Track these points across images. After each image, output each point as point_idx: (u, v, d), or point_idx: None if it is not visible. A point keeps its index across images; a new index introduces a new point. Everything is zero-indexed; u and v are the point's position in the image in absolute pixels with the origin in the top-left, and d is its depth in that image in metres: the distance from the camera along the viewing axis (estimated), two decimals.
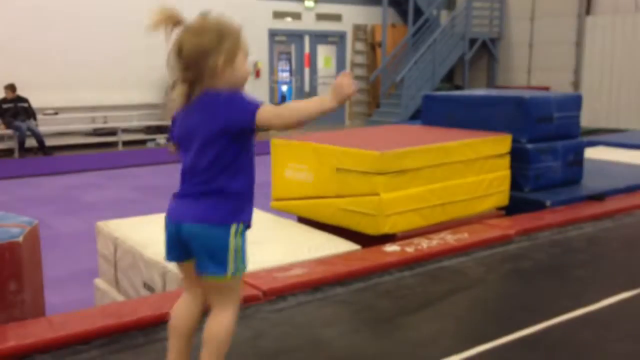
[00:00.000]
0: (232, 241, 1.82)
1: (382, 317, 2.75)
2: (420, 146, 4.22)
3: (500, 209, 4.74)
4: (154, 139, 11.67)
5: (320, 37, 15.33)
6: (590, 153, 6.12)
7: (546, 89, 14.05)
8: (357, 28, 15.78)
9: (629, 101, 13.12)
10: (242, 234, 1.86)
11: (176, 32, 1.79)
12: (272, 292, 2.84)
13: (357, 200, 4.03)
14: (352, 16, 15.56)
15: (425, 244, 3.60)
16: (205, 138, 1.76)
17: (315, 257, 3.34)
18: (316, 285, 3.01)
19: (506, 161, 4.70)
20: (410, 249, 3.51)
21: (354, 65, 15.93)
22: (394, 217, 3.99)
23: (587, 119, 13.22)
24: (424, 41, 14.82)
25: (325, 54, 15.82)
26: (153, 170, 8.94)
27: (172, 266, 3.06)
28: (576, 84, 14.22)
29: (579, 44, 14.14)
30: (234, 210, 1.83)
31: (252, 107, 1.74)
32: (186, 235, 1.84)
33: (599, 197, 4.56)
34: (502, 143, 4.66)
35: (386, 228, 3.97)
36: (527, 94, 4.96)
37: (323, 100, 1.75)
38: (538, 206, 4.53)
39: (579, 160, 5.02)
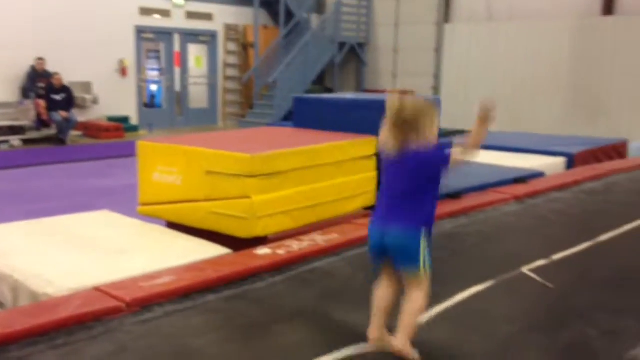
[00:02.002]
0: (423, 243, 2.46)
1: (253, 324, 2.73)
2: (290, 148, 4.25)
3: (367, 208, 4.90)
4: (7, 141, 10.77)
5: (190, 36, 14.98)
6: None
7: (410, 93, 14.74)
8: (229, 28, 15.62)
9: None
10: (428, 239, 2.48)
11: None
12: (137, 302, 2.71)
13: (228, 203, 3.98)
14: (224, 16, 15.38)
15: (296, 246, 3.62)
16: (414, 175, 2.46)
17: (184, 264, 3.25)
18: (185, 293, 2.92)
19: (373, 162, 4.86)
20: (281, 252, 3.51)
21: (226, 65, 15.76)
22: (265, 219, 3.99)
23: (446, 121, 14.07)
24: (296, 43, 15.00)
25: (196, 53, 15.49)
26: (4, 175, 8.23)
27: (24, 279, 2.84)
28: (436, 88, 15.10)
29: (438, 50, 15.02)
30: (425, 220, 2.49)
31: (447, 159, 2.45)
32: (389, 240, 2.47)
33: (455, 195, 4.85)
34: (369, 145, 4.82)
35: (258, 231, 3.96)
36: None
37: (483, 129, 2.49)
38: None
39: None
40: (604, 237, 3.96)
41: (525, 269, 3.30)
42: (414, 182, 2.48)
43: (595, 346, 2.49)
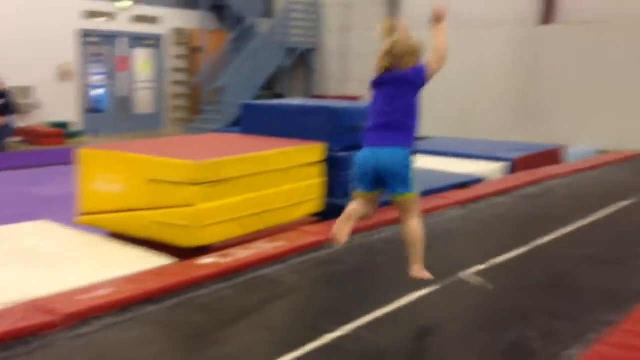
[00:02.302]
0: (412, 164, 2.82)
1: (196, 333, 2.69)
2: (237, 155, 4.22)
3: (315, 215, 4.91)
4: None
5: (136, 40, 14.72)
6: None
7: (356, 98, 14.90)
8: (176, 32, 15.42)
9: (429, 110, 14.40)
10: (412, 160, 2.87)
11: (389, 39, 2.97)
12: (73, 316, 2.63)
13: (172, 211, 3.92)
14: (171, 19, 15.17)
15: (242, 254, 3.60)
16: (396, 95, 2.87)
17: (125, 275, 3.18)
18: (125, 305, 2.86)
19: (320, 169, 4.88)
20: (227, 260, 3.48)
21: (173, 69, 15.54)
22: (210, 227, 3.95)
23: None
24: (245, 48, 14.93)
25: (142, 58, 15.22)
26: None
27: None
28: None
29: None
30: (410, 142, 2.87)
31: (425, 70, 2.92)
32: (383, 163, 2.84)
33: (464, 185, 4.94)
34: (316, 151, 4.83)
35: (203, 239, 3.91)
36: (338, 104, 5.21)
37: (442, 29, 2.99)
38: None
39: None
40: (541, 241, 4.09)
41: (467, 273, 3.38)
42: (396, 106, 2.90)
43: (534, 346, 2.57)
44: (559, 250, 3.93)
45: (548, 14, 12.87)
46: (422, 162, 6.63)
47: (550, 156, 7.86)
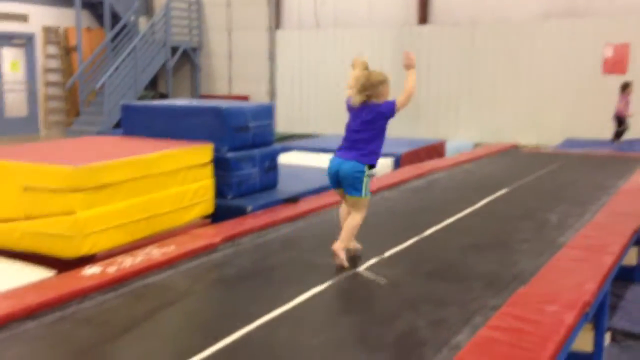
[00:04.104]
0: (366, 179, 3.46)
1: (81, 348, 2.53)
2: (120, 159, 4.04)
3: (206, 217, 4.81)
4: None
5: (3, 39, 13.68)
6: (285, 158, 6.61)
7: (245, 98, 14.80)
8: (48, 30, 14.51)
9: (317, 108, 14.62)
10: (370, 173, 3.49)
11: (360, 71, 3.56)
12: None
13: (50, 221, 3.68)
14: (41, 17, 14.25)
15: (129, 262, 3.43)
16: (369, 121, 3.46)
17: (0, 290, 2.93)
18: (2, 322, 2.63)
19: (209, 170, 4.79)
20: (112, 269, 3.31)
21: (46, 70, 14.61)
22: (93, 236, 3.75)
23: (283, 125, 14.35)
24: (124, 47, 14.33)
25: (11, 57, 14.17)
26: None
27: None
28: (272, 93, 15.30)
29: (271, 56, 15.24)
30: (370, 159, 3.49)
31: (394, 105, 3.46)
32: (342, 173, 3.48)
33: (293, 199, 4.94)
34: (203, 152, 4.73)
35: (85, 249, 3.71)
36: (224, 104, 5.12)
37: (411, 74, 3.54)
38: (240, 212, 4.71)
39: (274, 166, 5.37)
40: (428, 232, 4.25)
41: (361, 268, 3.44)
42: (367, 129, 3.45)
43: (423, 335, 2.65)
44: (445, 240, 4.11)
45: (423, 15, 13.47)
46: (315, 160, 6.70)
47: (434, 150, 8.23)
